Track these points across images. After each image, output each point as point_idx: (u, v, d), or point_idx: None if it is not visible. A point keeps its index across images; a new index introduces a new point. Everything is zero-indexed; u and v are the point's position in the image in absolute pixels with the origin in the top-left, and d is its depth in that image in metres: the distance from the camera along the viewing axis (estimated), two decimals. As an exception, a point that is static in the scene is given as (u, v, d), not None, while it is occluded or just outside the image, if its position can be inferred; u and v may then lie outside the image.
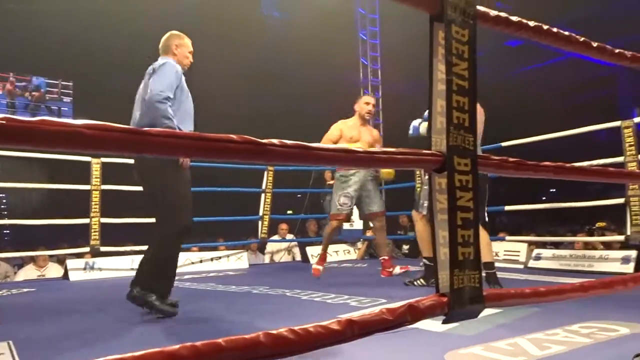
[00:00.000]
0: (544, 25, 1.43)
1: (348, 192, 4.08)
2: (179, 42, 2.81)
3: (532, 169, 1.40)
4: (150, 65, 2.72)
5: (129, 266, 4.66)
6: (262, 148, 0.92)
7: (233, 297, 3.29)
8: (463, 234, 1.13)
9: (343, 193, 4.09)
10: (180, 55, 2.78)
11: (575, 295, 1.44)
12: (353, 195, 4.08)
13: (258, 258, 6.49)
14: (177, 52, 2.78)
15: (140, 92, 2.75)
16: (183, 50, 2.81)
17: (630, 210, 4.07)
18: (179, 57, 2.78)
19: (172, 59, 2.74)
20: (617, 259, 3.99)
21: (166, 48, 2.79)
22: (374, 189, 4.20)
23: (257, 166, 5.78)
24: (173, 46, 2.78)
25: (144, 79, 2.74)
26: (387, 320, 1.00)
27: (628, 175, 3.06)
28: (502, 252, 4.79)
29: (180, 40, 2.82)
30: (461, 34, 1.17)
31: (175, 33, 2.84)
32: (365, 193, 4.14)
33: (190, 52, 2.85)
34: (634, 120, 4.19)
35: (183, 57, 2.80)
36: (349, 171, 4.12)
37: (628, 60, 1.70)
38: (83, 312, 2.87)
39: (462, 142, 1.15)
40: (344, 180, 4.12)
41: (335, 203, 4.13)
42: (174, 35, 2.83)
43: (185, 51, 2.81)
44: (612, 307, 2.34)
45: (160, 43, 2.84)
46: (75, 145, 0.76)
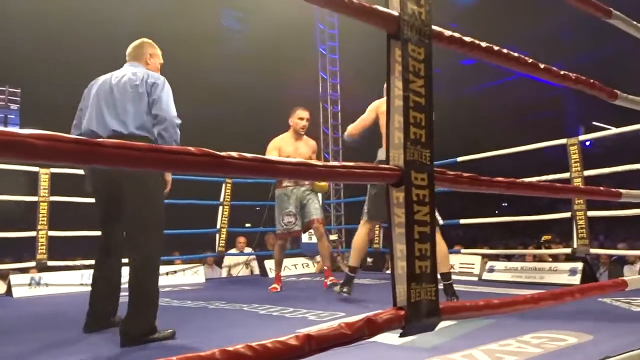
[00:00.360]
0: (494, 46, 1.49)
1: (290, 210, 4.15)
2: (153, 52, 2.71)
3: (486, 184, 1.44)
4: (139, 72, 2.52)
5: (78, 281, 4.48)
6: (221, 161, 0.91)
7: (188, 312, 3.21)
8: (420, 247, 1.15)
9: (286, 212, 4.16)
10: (152, 66, 2.68)
11: (527, 306, 1.48)
12: (295, 212, 4.16)
13: (215, 272, 6.37)
14: (150, 61, 2.68)
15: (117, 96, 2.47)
16: (156, 60, 2.72)
17: (577, 224, 4.25)
18: (152, 67, 2.67)
19: (144, 67, 2.63)
20: (565, 271, 4.15)
21: (138, 55, 2.67)
22: (313, 198, 4.27)
23: (215, 178, 5.70)
24: (147, 55, 2.68)
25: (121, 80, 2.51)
26: (345, 335, 1.00)
27: (574, 191, 3.21)
28: (457, 264, 4.89)
29: (155, 50, 2.73)
30: (417, 52, 1.20)
31: (148, 41, 2.74)
32: (304, 203, 4.22)
33: (161, 64, 2.76)
34: (579, 138, 4.40)
35: (155, 68, 2.69)
36: (287, 188, 4.19)
37: (573, 81, 1.79)
38: (28, 330, 2.73)
39: (419, 157, 1.18)
40: (283, 199, 4.20)
41: (280, 223, 4.18)
42: (148, 43, 2.72)
43: (157, 62, 2.73)
44: (561, 318, 2.43)
45: (131, 49, 2.70)
46: (23, 156, 0.72)
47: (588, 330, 2.16)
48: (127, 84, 2.49)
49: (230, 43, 11.13)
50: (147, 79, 2.50)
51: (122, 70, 2.60)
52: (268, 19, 9.38)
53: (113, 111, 2.46)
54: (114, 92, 2.50)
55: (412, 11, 1.20)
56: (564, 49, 11.85)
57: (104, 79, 2.60)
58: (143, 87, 2.48)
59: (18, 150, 0.71)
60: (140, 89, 2.47)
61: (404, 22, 1.18)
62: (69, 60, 9.07)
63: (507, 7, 10.26)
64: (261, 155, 0.99)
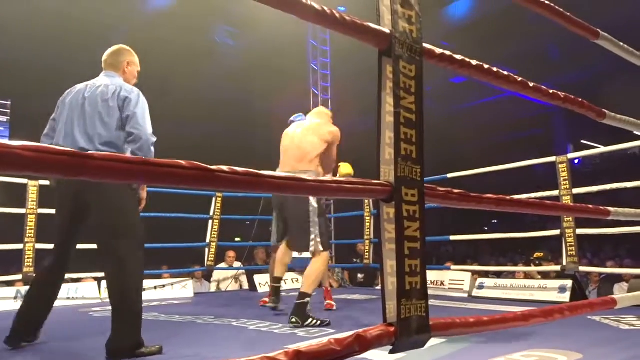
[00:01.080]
0: (484, 65, 1.51)
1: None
2: (131, 60, 2.59)
3: (476, 201, 1.45)
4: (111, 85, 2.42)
5: (65, 295, 4.41)
6: (211, 174, 0.90)
7: (176, 327, 3.17)
8: (410, 263, 1.15)
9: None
10: (129, 74, 2.56)
11: (517, 324, 1.48)
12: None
13: (204, 286, 6.31)
14: (127, 70, 2.56)
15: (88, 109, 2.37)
16: (134, 68, 2.60)
17: (566, 241, 4.27)
18: (128, 75, 2.55)
19: (121, 76, 2.52)
20: (555, 289, 4.16)
21: (116, 63, 2.54)
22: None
23: (205, 192, 5.68)
24: (125, 63, 2.55)
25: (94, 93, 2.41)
26: (335, 351, 0.99)
27: (563, 208, 3.23)
28: (447, 281, 4.89)
29: (133, 57, 2.61)
30: (408, 69, 1.22)
31: (126, 48, 2.60)
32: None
33: (138, 72, 2.65)
34: (568, 156, 4.45)
35: (132, 76, 2.58)
36: None
37: (561, 100, 1.82)
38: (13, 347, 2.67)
39: (410, 173, 1.18)
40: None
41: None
42: (126, 50, 2.59)
43: (135, 70, 2.61)
44: (550, 336, 2.43)
45: (108, 56, 2.57)
46: (11, 167, 0.71)
47: (577, 348, 2.16)
48: (98, 97, 2.39)
49: (223, 59, 11.19)
50: (120, 92, 2.39)
51: (98, 81, 2.49)
52: (261, 34, 9.45)
53: (82, 126, 2.37)
54: (85, 105, 2.40)
55: (404, 29, 1.22)
56: (553, 68, 12.05)
57: (79, 89, 2.49)
58: (114, 101, 2.37)
59: (6, 161, 0.70)
60: (110, 103, 2.36)
61: (396, 39, 1.19)
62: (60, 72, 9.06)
63: (496, 26, 10.43)
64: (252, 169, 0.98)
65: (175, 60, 10.12)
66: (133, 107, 2.36)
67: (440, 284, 4.88)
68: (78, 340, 2.81)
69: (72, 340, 2.82)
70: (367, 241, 5.98)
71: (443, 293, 4.73)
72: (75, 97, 2.46)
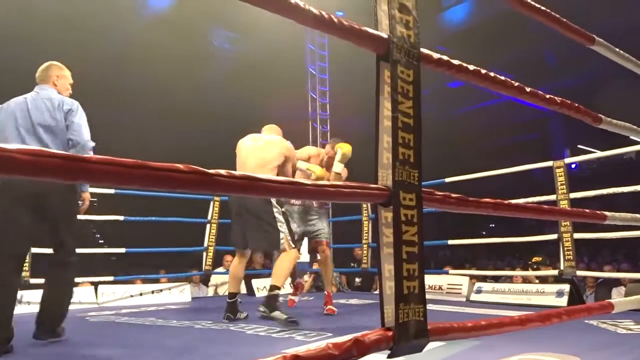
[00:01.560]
0: (481, 70, 1.51)
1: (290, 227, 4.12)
2: (60, 74, 2.83)
3: (473, 205, 1.45)
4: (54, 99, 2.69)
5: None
6: (209, 178, 0.90)
7: (173, 332, 3.16)
8: (408, 267, 1.15)
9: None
10: (61, 87, 2.80)
11: (514, 328, 1.48)
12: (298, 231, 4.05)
13: (201, 291, 6.29)
14: (57, 83, 2.80)
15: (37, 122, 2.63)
16: (64, 82, 2.84)
17: (563, 246, 4.28)
18: (60, 87, 2.80)
19: (53, 89, 2.76)
20: (552, 293, 4.17)
21: (46, 78, 2.78)
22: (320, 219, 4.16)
23: (203, 196, 5.67)
24: (54, 77, 2.79)
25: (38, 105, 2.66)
26: (333, 355, 0.99)
27: (560, 213, 3.24)
28: (445, 285, 4.89)
29: (62, 71, 2.84)
30: (406, 74, 1.22)
31: (55, 64, 2.84)
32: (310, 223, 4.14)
33: (71, 84, 2.88)
34: (565, 160, 4.46)
35: (64, 88, 2.82)
36: (293, 206, 4.10)
37: (557, 105, 1.82)
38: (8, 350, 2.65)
39: (408, 178, 1.19)
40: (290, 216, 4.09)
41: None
42: (55, 66, 2.83)
43: (66, 83, 2.84)
44: (547, 340, 2.43)
45: (39, 72, 2.81)
46: (8, 171, 0.71)
47: (575, 352, 2.16)
48: (44, 110, 2.65)
49: (221, 63, 11.20)
50: (63, 105, 2.69)
51: (36, 94, 2.71)
52: (259, 39, 9.47)
53: (34, 136, 2.61)
54: (32, 117, 2.63)
55: (402, 34, 1.22)
56: (549, 73, 12.10)
57: (18, 103, 2.68)
58: (60, 114, 2.66)
59: (2, 165, 0.70)
60: (57, 115, 2.66)
61: (394, 44, 1.20)
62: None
63: (494, 31, 10.47)
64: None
65: (173, 65, 10.13)
66: (73, 117, 2.69)
67: (438, 288, 4.88)
68: (74, 345, 2.80)
69: (68, 345, 2.81)
70: (365, 245, 5.98)
71: (441, 297, 4.72)
72: (18, 110, 2.66)
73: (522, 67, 10.94)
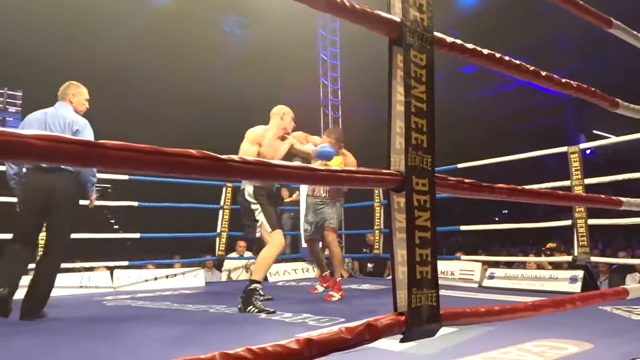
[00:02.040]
0: (496, 54, 1.49)
1: (307, 219, 4.27)
2: (75, 92, 3.23)
3: (487, 191, 1.44)
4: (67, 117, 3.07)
5: (77, 283, 4.48)
6: (222, 164, 0.91)
7: (188, 316, 3.20)
8: (421, 252, 1.15)
9: (304, 220, 4.35)
10: (76, 103, 3.22)
11: (527, 314, 1.48)
12: (311, 220, 4.21)
13: (215, 276, 6.36)
14: (73, 100, 3.21)
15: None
16: (79, 98, 3.25)
17: (577, 231, 4.24)
18: (75, 104, 3.21)
19: (69, 105, 3.19)
20: (566, 279, 4.14)
21: (64, 96, 3.21)
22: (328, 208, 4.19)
23: (216, 182, 5.70)
24: (70, 95, 3.21)
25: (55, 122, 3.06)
26: (345, 340, 0.99)
27: (575, 198, 3.21)
28: (457, 271, 4.88)
29: (77, 89, 3.25)
30: (419, 58, 1.21)
31: (73, 83, 3.27)
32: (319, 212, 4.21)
33: (87, 100, 3.28)
34: (580, 146, 4.40)
35: (80, 104, 3.24)
36: (309, 197, 4.27)
37: (574, 89, 1.79)
38: (24, 333, 2.71)
39: (420, 163, 1.18)
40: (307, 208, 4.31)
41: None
42: (73, 85, 3.26)
43: (81, 99, 3.25)
44: (561, 326, 2.42)
45: (60, 90, 3.24)
46: (25, 157, 0.72)
47: (588, 338, 2.16)
48: (57, 127, 3.06)
49: (232, 49, 11.17)
50: (73, 125, 3.09)
51: (54, 111, 3.12)
52: (270, 24, 9.41)
53: None
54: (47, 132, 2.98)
55: (414, 17, 1.21)
56: (565, 57, 11.88)
57: (38, 118, 3.08)
58: (70, 133, 3.04)
59: (18, 151, 0.71)
60: (67, 134, 3.00)
61: (406, 28, 1.18)
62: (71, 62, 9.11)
63: (507, 15, 10.29)
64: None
65: (184, 51, 10.13)
66: (80, 136, 3.02)
67: (450, 274, 4.88)
68: (91, 327, 2.86)
69: (86, 326, 2.87)
70: (377, 231, 5.98)
71: (453, 283, 4.72)
72: (39, 123, 3.06)
73: (536, 51, 10.76)
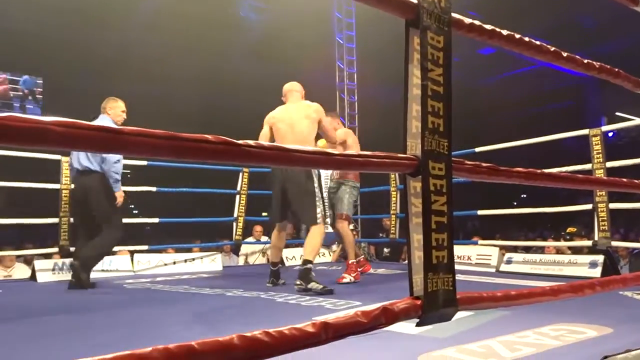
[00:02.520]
0: (515, 34, 1.46)
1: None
2: (112, 105, 3.88)
3: (505, 175, 1.43)
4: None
5: (99, 267, 4.57)
6: (238, 149, 0.91)
7: (206, 299, 3.25)
8: (437, 237, 1.15)
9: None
10: (113, 115, 3.85)
11: (545, 298, 1.47)
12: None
13: (232, 260, 6.44)
14: (110, 112, 3.85)
15: None
16: (115, 110, 3.88)
17: (598, 216, 4.18)
18: (113, 116, 3.85)
19: (108, 117, 3.81)
20: (585, 264, 4.09)
21: (103, 109, 3.87)
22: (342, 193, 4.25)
23: (233, 167, 5.74)
24: (108, 108, 3.86)
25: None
26: (361, 323, 1.00)
27: (596, 182, 3.15)
28: (474, 256, 4.86)
29: (114, 103, 3.89)
30: (436, 40, 1.19)
31: (111, 98, 3.91)
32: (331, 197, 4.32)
33: (123, 111, 3.89)
34: (602, 128, 4.31)
35: (116, 115, 3.86)
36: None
37: (596, 70, 1.75)
38: (51, 314, 2.80)
39: (437, 147, 1.17)
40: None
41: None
42: (111, 99, 3.91)
43: (117, 111, 3.87)
44: (580, 311, 2.40)
45: (102, 104, 3.87)
46: (45, 143, 0.73)
47: (608, 323, 2.13)
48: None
49: (248, 33, 11.13)
50: None
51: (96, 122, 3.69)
52: (285, 8, 9.34)
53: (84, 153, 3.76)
54: None
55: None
56: (587, 38, 11.59)
57: None
58: None
59: (41, 138, 0.72)
60: None
61: (423, 9, 1.16)
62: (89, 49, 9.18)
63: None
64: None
65: (200, 35, 10.12)
66: None
67: (467, 258, 4.86)
68: (112, 309, 2.92)
69: (107, 308, 2.93)
70: (393, 216, 5.97)
71: (470, 268, 4.70)
72: None
73: (557, 31, 10.50)
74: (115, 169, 3.80)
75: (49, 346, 2.06)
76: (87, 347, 2.02)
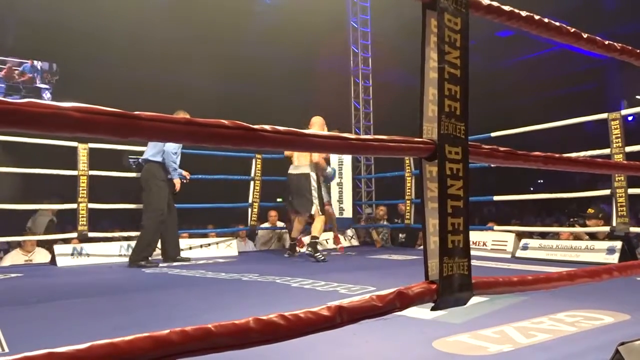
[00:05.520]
0: (535, 16, 1.43)
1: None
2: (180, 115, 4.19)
3: (522, 159, 1.41)
4: None
5: (117, 252, 4.64)
6: (254, 134, 0.91)
7: (223, 284, 3.29)
8: (453, 222, 1.14)
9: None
10: None
11: (562, 284, 1.46)
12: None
13: (247, 245, 6.49)
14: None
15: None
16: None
17: (616, 201, 4.11)
18: None
19: None
20: (603, 250, 4.05)
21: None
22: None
23: (247, 154, 5.76)
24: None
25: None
26: (376, 307, 1.00)
27: (614, 167, 3.10)
28: (490, 241, 4.83)
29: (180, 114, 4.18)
30: (454, 22, 1.17)
31: (181, 111, 4.39)
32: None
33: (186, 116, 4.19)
34: (621, 112, 4.22)
35: None
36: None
37: (617, 52, 1.71)
38: (71, 298, 2.86)
39: (454, 131, 1.16)
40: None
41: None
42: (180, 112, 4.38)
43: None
44: (596, 297, 2.38)
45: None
46: (63, 128, 0.74)
47: (625, 309, 2.12)
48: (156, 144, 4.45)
49: (263, 17, 11.07)
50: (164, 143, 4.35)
51: None
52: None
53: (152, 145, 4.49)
54: None
55: (449, -21, 1.16)
56: (608, 19, 11.30)
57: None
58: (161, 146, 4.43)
59: (58, 123, 0.73)
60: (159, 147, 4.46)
61: (440, -9, 1.14)
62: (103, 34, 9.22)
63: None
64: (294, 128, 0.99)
65: (214, 21, 10.09)
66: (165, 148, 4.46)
67: (482, 244, 4.84)
68: (129, 293, 2.98)
69: (125, 293, 2.99)
70: (408, 201, 5.96)
71: (485, 254, 4.68)
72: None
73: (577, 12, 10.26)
74: (172, 159, 4.43)
75: (71, 327, 2.11)
76: (108, 329, 2.06)
